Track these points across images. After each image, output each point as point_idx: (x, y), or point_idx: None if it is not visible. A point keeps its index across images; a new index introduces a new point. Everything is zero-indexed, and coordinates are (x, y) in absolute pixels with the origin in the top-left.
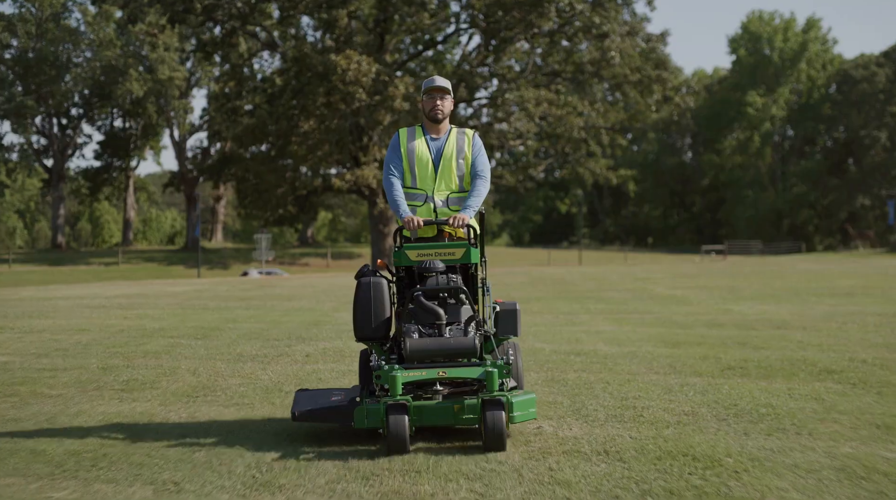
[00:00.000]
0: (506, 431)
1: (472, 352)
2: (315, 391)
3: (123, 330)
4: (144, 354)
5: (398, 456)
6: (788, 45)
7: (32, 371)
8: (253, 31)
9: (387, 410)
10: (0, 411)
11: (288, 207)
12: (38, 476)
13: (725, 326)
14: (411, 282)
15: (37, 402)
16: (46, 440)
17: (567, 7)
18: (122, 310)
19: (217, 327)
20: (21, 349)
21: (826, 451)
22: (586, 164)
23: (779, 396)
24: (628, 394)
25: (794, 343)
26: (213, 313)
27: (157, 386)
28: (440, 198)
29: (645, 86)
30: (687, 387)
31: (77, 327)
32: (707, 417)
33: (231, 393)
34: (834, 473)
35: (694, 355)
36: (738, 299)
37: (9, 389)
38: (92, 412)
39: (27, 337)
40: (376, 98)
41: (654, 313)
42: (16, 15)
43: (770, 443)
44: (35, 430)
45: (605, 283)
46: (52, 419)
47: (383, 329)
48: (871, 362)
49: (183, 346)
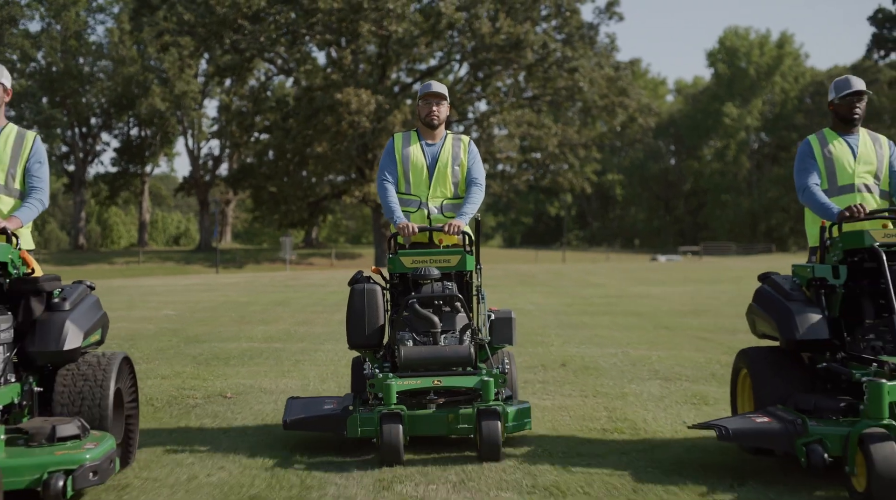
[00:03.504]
0: (501, 441)
1: (467, 361)
2: (307, 399)
3: (225, 303)
4: (262, 312)
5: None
6: (763, 60)
7: (237, 314)
8: (270, 59)
9: (381, 419)
10: (243, 330)
11: (301, 212)
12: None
13: (610, 296)
14: (406, 289)
15: (256, 327)
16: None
17: (541, 47)
18: (207, 293)
19: (285, 300)
20: (201, 309)
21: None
22: (565, 174)
23: (600, 317)
24: (534, 328)
25: (640, 303)
26: (275, 294)
27: (279, 320)
28: (434, 204)
29: (609, 110)
30: (567, 313)
31: (204, 299)
32: (559, 327)
33: (323, 322)
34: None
35: (576, 307)
36: (638, 284)
37: (233, 324)
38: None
39: (191, 304)
40: (379, 125)
41: (575, 292)
42: (44, 31)
43: (593, 350)
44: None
45: (560, 275)
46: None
47: (377, 337)
48: (650, 313)
49: (271, 310)
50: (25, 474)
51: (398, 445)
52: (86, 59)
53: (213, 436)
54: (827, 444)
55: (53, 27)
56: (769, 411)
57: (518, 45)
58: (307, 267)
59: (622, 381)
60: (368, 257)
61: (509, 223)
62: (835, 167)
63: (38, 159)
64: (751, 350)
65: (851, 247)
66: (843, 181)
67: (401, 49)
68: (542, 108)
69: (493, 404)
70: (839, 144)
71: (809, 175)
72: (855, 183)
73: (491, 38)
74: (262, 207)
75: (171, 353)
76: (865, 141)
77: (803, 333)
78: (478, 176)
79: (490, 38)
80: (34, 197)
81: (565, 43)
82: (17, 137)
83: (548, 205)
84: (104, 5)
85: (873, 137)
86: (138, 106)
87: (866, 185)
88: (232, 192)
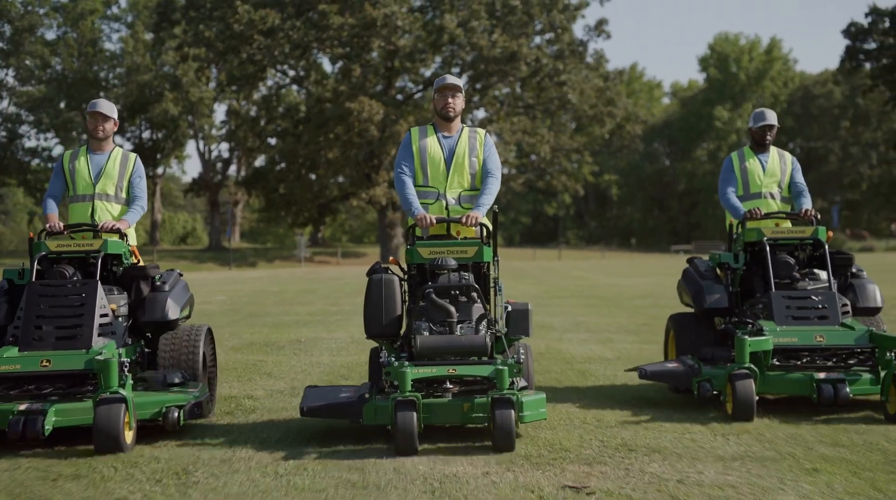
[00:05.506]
0: (515, 430)
1: (482, 350)
2: (325, 388)
3: (261, 291)
4: (297, 298)
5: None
6: (753, 65)
7: (285, 300)
8: (282, 70)
9: (395, 406)
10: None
11: (311, 212)
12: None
13: (584, 286)
14: (423, 279)
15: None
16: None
17: (534, 61)
18: (238, 284)
19: (311, 289)
20: (243, 296)
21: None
22: (559, 177)
23: (568, 299)
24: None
25: (606, 290)
26: (301, 285)
27: (314, 303)
28: (452, 196)
29: (598, 119)
30: (543, 297)
31: (240, 290)
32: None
33: (349, 304)
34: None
35: (552, 292)
36: (612, 277)
37: (278, 305)
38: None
39: (230, 293)
40: (385, 134)
41: (555, 283)
42: (61, 40)
43: (551, 318)
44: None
45: (548, 271)
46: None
47: (394, 326)
48: (610, 296)
49: (303, 296)
50: (150, 408)
51: (412, 432)
52: (100, 65)
53: (298, 367)
54: (713, 382)
55: (70, 35)
56: (680, 359)
57: (513, 58)
58: (316, 264)
59: (563, 332)
60: (373, 256)
61: (509, 223)
62: (748, 179)
63: (138, 175)
64: (676, 315)
65: (750, 240)
66: (754, 190)
67: (407, 61)
68: (537, 115)
69: (507, 393)
70: (753, 161)
71: (728, 184)
72: (762, 191)
73: (489, 51)
74: (272, 209)
75: (246, 322)
76: (774, 158)
77: (710, 303)
78: (493, 168)
79: (488, 52)
80: (137, 204)
81: (557, 58)
82: (122, 158)
83: (546, 205)
84: (119, 14)
85: (780, 155)
86: (151, 110)
87: (771, 193)
88: (245, 194)
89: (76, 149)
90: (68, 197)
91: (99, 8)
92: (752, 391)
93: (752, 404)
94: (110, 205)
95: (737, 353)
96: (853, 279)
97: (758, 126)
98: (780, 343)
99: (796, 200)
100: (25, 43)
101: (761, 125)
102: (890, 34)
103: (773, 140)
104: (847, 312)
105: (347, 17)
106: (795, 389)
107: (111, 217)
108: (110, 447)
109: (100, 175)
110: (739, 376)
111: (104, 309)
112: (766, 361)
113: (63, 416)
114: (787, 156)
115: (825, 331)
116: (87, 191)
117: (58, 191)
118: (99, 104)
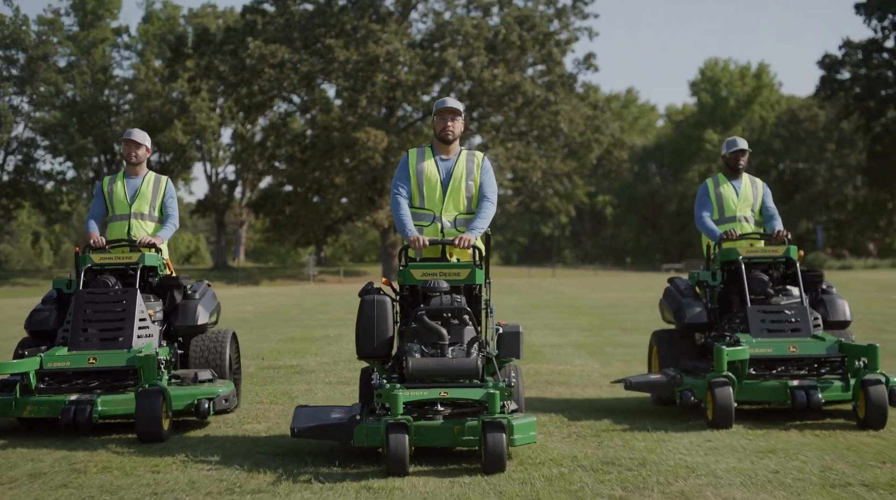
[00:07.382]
0: (506, 453)
1: (473, 374)
2: (316, 408)
3: (282, 304)
4: (316, 309)
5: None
6: (743, 90)
7: (305, 309)
8: (289, 98)
9: (387, 429)
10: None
11: (316, 232)
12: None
13: (563, 299)
14: (415, 301)
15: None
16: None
17: (529, 93)
18: (257, 298)
19: (326, 302)
20: (267, 307)
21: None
22: (551, 199)
23: (545, 309)
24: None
25: (582, 302)
26: (315, 299)
27: (332, 311)
28: (448, 219)
29: (587, 145)
30: (523, 307)
31: (262, 303)
32: (513, 313)
33: None
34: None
35: (532, 304)
36: (593, 292)
37: (302, 314)
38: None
39: (254, 305)
40: (388, 162)
41: (538, 297)
42: (73, 67)
43: (525, 322)
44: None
45: (536, 287)
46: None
47: (386, 348)
48: (584, 307)
49: (321, 308)
50: (184, 400)
51: (404, 455)
52: (111, 91)
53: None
54: (694, 391)
55: (82, 63)
56: (662, 371)
57: (513, 90)
58: (320, 282)
59: (532, 330)
60: (375, 275)
61: (506, 243)
62: (723, 203)
63: (170, 195)
64: (658, 331)
65: (726, 259)
66: (729, 214)
67: (409, 94)
68: (530, 141)
69: (498, 417)
70: (727, 187)
71: (704, 209)
72: (737, 215)
73: (491, 83)
74: (278, 229)
75: (280, 325)
76: (746, 184)
77: (690, 318)
78: (489, 192)
79: (490, 85)
80: (170, 222)
81: (548, 89)
82: (155, 180)
83: (542, 225)
84: (129, 43)
85: (752, 180)
86: (160, 135)
87: (745, 216)
88: (254, 216)
89: (114, 175)
90: (108, 217)
91: (110, 36)
92: (731, 398)
93: (730, 409)
94: (145, 223)
95: (715, 362)
96: (824, 295)
97: (731, 152)
98: (756, 354)
99: (768, 222)
100: (40, 70)
101: (734, 151)
102: (862, 65)
103: (746, 165)
104: (818, 325)
105: (352, 52)
106: (771, 396)
107: (146, 233)
108: (151, 433)
109: (135, 196)
110: (718, 384)
111: (142, 314)
112: (743, 370)
113: (108, 406)
114: (758, 182)
115: (798, 342)
116: (123, 211)
117: (98, 212)
118: (133, 133)
